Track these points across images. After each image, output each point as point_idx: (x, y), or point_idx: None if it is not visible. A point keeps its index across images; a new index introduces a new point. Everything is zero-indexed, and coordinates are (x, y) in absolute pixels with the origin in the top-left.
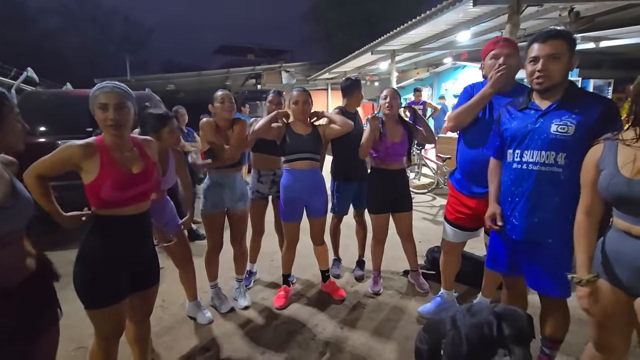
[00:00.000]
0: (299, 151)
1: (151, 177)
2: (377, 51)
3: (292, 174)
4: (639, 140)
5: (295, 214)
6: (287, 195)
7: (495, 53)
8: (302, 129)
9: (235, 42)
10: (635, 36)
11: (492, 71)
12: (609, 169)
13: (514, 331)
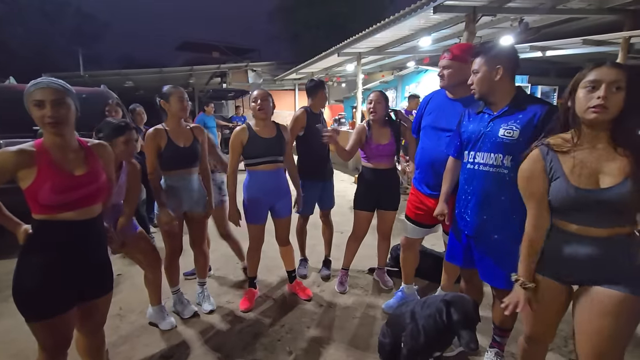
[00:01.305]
0: (263, 155)
1: (96, 180)
2: (343, 53)
3: (255, 175)
4: (575, 148)
5: (259, 216)
6: (251, 197)
7: (440, 64)
8: (266, 132)
9: (199, 39)
10: (577, 47)
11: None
12: (559, 181)
13: (461, 316)
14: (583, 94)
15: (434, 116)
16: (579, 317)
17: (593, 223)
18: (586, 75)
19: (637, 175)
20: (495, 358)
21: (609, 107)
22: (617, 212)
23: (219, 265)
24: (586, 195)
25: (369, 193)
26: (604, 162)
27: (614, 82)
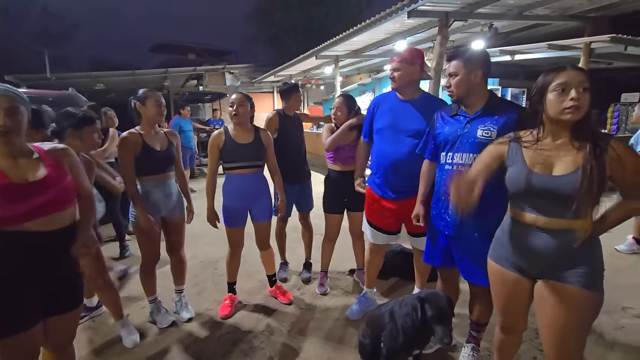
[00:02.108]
0: (240, 160)
1: (55, 185)
2: (321, 56)
3: (232, 179)
4: (538, 142)
5: (237, 219)
6: (228, 201)
7: (391, 66)
8: (243, 137)
9: (174, 41)
10: (543, 51)
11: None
12: (516, 166)
13: (435, 312)
14: (554, 97)
15: (390, 118)
16: (537, 310)
17: (548, 213)
18: (553, 79)
19: (587, 166)
20: (471, 352)
21: (581, 107)
22: (567, 202)
23: (198, 272)
24: (539, 179)
25: (336, 195)
26: (561, 155)
27: (581, 83)
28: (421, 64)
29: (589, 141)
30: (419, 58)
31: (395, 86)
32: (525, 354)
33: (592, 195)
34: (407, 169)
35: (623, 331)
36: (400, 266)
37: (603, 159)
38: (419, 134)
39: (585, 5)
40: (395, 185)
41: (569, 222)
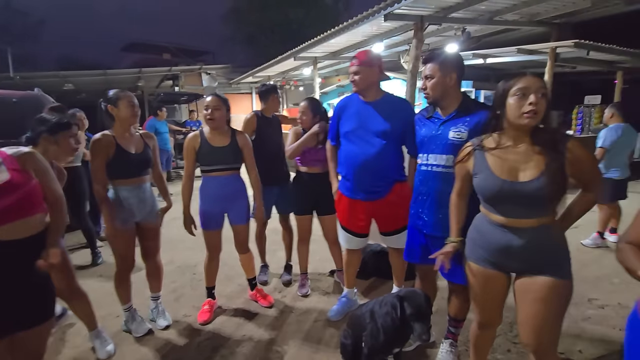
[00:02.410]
0: (216, 163)
1: (16, 190)
2: (299, 57)
3: (208, 181)
4: (501, 148)
5: (214, 222)
6: (204, 203)
7: (350, 70)
8: (219, 140)
9: (147, 40)
10: (512, 55)
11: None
12: (483, 174)
13: (414, 310)
14: (514, 101)
15: (356, 121)
16: (518, 304)
17: (517, 215)
18: (514, 84)
19: (550, 171)
20: (449, 348)
21: (538, 112)
22: (535, 204)
23: (175, 277)
24: (507, 186)
25: (305, 197)
26: (524, 160)
27: (539, 89)
28: (379, 66)
29: (548, 145)
30: (376, 59)
31: (358, 89)
32: (500, 347)
33: (557, 197)
34: (377, 169)
35: (589, 321)
36: (381, 266)
37: (562, 162)
38: (385, 134)
39: (551, 12)
40: (366, 187)
41: (535, 221)
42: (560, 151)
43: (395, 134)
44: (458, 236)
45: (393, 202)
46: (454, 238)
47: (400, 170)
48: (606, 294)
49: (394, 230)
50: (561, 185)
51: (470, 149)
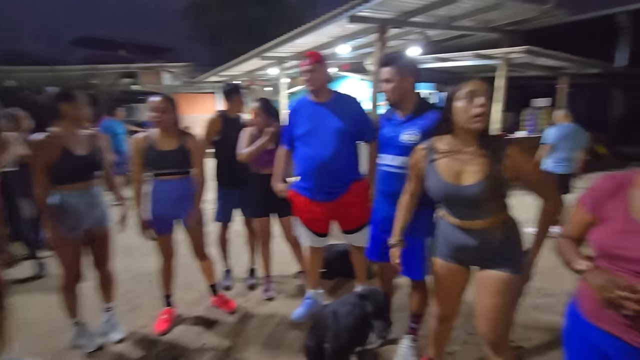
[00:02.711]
0: (165, 167)
1: None
2: (265, 57)
3: (157, 184)
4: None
5: (164, 227)
6: (153, 206)
7: (303, 69)
8: (167, 143)
9: (102, 35)
10: (470, 59)
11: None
12: (433, 178)
13: (374, 307)
14: (462, 105)
15: (310, 123)
16: (476, 297)
17: (468, 217)
18: (462, 87)
19: (489, 176)
20: (410, 343)
21: (485, 114)
22: (478, 206)
23: (131, 286)
24: (452, 190)
25: (262, 199)
26: (469, 164)
27: (485, 92)
28: (326, 67)
29: (491, 150)
30: (325, 60)
31: (313, 88)
32: (457, 339)
33: (495, 200)
34: (334, 170)
35: (538, 310)
36: (346, 265)
37: (501, 167)
38: (340, 133)
39: (504, 20)
40: (324, 188)
41: (485, 222)
42: (500, 157)
43: (350, 132)
44: (400, 236)
45: (351, 202)
46: (395, 240)
47: (356, 169)
48: (553, 283)
49: (355, 228)
50: (500, 190)
51: (422, 152)
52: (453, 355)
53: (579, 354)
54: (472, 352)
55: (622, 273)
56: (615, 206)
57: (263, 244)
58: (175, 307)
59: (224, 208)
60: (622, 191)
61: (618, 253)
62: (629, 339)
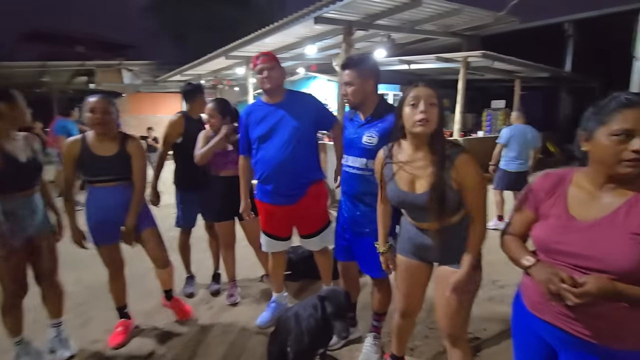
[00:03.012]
0: (100, 174)
1: None
2: (231, 56)
3: (94, 192)
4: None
5: (106, 236)
6: (91, 215)
7: (259, 68)
8: (105, 148)
9: (55, 29)
10: (432, 62)
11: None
12: (390, 184)
13: (334, 308)
14: (408, 110)
15: (267, 125)
16: (435, 292)
17: (423, 219)
18: (408, 93)
19: (435, 186)
20: (373, 341)
21: (429, 120)
22: (429, 211)
23: (83, 299)
24: (405, 197)
25: (222, 202)
26: (421, 170)
27: (429, 98)
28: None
29: (439, 157)
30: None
31: (271, 87)
32: (419, 334)
33: (441, 208)
34: (292, 171)
35: (492, 301)
36: (312, 267)
37: (449, 176)
38: (297, 132)
39: (462, 25)
40: (283, 191)
41: (438, 224)
42: (448, 165)
43: (308, 130)
44: (386, 242)
45: (310, 206)
46: (382, 248)
47: (315, 170)
48: (506, 275)
49: (314, 232)
50: (444, 199)
51: (381, 159)
52: (414, 350)
53: (525, 344)
54: (433, 347)
55: (562, 266)
56: (554, 203)
57: (226, 248)
58: (132, 318)
59: (184, 213)
60: (561, 189)
61: (557, 248)
62: (568, 329)
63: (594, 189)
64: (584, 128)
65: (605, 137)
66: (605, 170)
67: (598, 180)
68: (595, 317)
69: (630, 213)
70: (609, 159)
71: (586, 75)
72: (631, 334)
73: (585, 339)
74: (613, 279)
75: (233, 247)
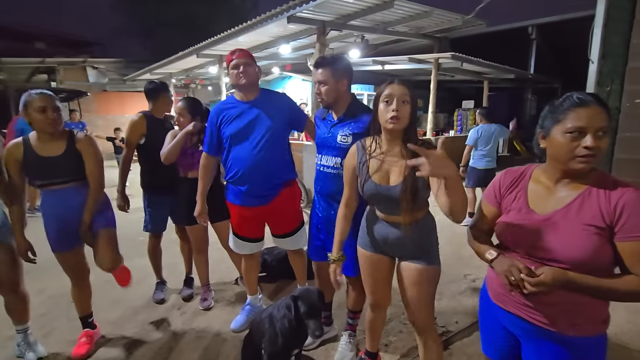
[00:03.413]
0: (49, 177)
1: None
2: (203, 54)
3: (48, 196)
4: (379, 152)
5: (66, 241)
6: (47, 221)
7: (235, 63)
8: (50, 148)
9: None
10: (405, 63)
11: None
12: (363, 177)
13: (307, 307)
14: (382, 107)
15: (240, 123)
16: (400, 288)
17: (391, 212)
18: (382, 91)
19: (408, 178)
20: (348, 339)
21: (400, 117)
22: (400, 204)
23: (46, 309)
24: (379, 189)
25: (193, 205)
26: (394, 164)
27: (402, 96)
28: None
29: (412, 151)
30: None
31: (246, 83)
32: (393, 329)
33: (412, 200)
34: (266, 171)
35: (464, 295)
36: (287, 267)
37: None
38: (271, 131)
39: (433, 27)
40: (256, 191)
41: (405, 217)
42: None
43: (281, 129)
44: (339, 251)
45: (283, 206)
46: (335, 255)
47: (288, 170)
48: (476, 269)
49: (288, 232)
50: (416, 192)
51: (353, 152)
52: (389, 346)
53: (492, 335)
54: (407, 342)
55: (522, 258)
56: (515, 198)
57: (199, 252)
58: (98, 327)
59: (152, 217)
60: (521, 184)
61: (518, 240)
62: (529, 318)
63: (551, 184)
64: (541, 126)
65: (560, 135)
66: (560, 166)
67: (554, 176)
68: (551, 305)
69: (583, 206)
70: (563, 155)
71: (549, 77)
72: (585, 321)
73: (544, 327)
74: (568, 268)
75: (206, 251)
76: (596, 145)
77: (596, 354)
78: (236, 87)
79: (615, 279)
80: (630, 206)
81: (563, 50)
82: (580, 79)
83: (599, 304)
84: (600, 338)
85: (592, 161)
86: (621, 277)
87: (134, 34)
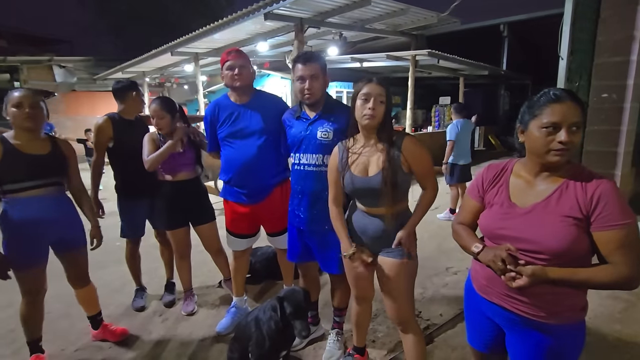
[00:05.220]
0: (27, 179)
1: None
2: (178, 52)
3: (18, 203)
4: (357, 147)
5: (32, 257)
6: (13, 234)
7: (230, 64)
8: (35, 146)
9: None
10: (383, 60)
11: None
12: (346, 172)
13: (293, 308)
14: (359, 104)
15: (233, 124)
16: (379, 282)
17: (371, 204)
18: (360, 89)
19: (387, 167)
20: (336, 337)
21: (376, 115)
22: (379, 195)
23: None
24: (359, 181)
25: (174, 209)
26: (372, 157)
27: (378, 95)
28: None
29: (387, 143)
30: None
31: (242, 85)
32: (380, 325)
33: (392, 190)
34: (258, 171)
35: (447, 287)
36: (272, 268)
37: (398, 159)
38: (263, 132)
39: (409, 24)
40: (250, 190)
41: (384, 209)
42: (397, 149)
43: (273, 131)
44: (350, 244)
45: (276, 204)
46: (350, 250)
47: (281, 168)
48: (459, 262)
49: (280, 230)
50: (395, 181)
51: (336, 152)
52: (376, 341)
53: (476, 325)
54: (394, 337)
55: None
56: (497, 192)
57: (181, 258)
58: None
59: (128, 222)
60: (503, 178)
61: (500, 233)
62: (512, 308)
63: (531, 177)
64: (520, 121)
65: (536, 129)
66: (537, 159)
67: (533, 169)
68: (534, 296)
69: (561, 198)
70: (540, 149)
71: (520, 73)
72: (565, 310)
73: (527, 316)
74: (548, 258)
75: (188, 255)
76: (569, 139)
77: (576, 339)
78: (230, 88)
79: (592, 269)
80: (605, 197)
81: (533, 47)
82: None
83: (577, 293)
84: (580, 324)
85: (566, 154)
86: (597, 266)
87: (103, 32)
